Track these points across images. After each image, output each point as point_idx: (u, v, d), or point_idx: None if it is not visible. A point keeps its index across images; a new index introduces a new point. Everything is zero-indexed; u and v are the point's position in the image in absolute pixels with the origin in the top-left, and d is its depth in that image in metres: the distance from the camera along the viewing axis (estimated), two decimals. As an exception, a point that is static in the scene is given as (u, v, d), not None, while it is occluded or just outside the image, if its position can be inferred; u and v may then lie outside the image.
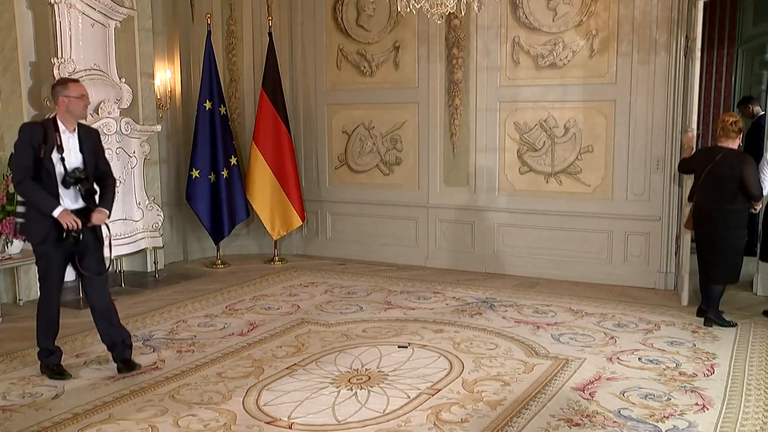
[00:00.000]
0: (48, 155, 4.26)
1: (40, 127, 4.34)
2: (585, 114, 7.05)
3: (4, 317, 5.89)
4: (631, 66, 6.77)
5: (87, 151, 4.43)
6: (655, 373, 4.56)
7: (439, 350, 5.03)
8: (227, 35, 8.38)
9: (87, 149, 4.43)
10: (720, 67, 11.48)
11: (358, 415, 3.93)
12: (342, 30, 8.20)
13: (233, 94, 8.48)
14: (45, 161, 4.26)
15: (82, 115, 4.50)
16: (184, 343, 5.27)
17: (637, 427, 3.77)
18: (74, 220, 4.26)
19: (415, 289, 6.86)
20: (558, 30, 7.05)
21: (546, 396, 4.18)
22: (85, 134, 4.49)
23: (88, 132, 4.55)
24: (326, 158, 8.52)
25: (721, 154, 5.50)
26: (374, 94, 8.10)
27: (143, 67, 7.30)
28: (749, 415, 3.91)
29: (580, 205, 7.13)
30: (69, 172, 4.30)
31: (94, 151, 4.50)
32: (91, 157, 4.46)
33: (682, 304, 6.14)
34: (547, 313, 5.97)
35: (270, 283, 7.19)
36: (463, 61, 7.53)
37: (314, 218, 8.62)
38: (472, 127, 7.56)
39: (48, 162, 4.27)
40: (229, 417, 3.91)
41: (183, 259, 8.31)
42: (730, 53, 11.41)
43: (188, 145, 7.95)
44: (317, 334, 5.45)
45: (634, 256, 6.92)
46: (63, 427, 3.82)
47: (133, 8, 7.05)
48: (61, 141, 4.32)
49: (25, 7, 6.57)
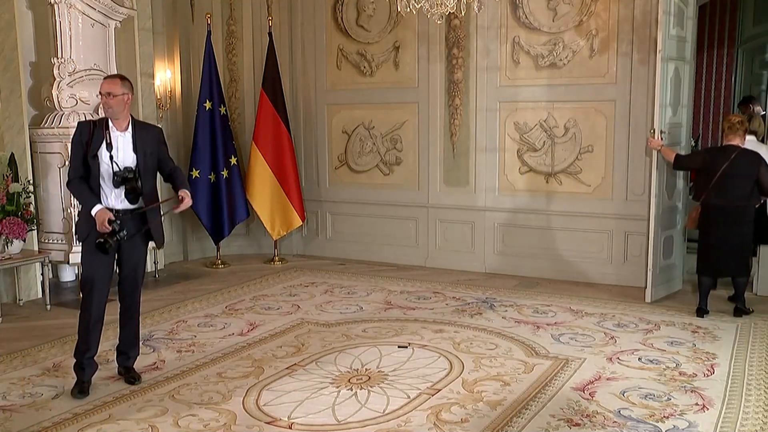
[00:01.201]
0: (94, 153, 4.16)
1: (89, 125, 4.25)
2: (585, 114, 7.05)
3: (4, 317, 5.88)
4: (631, 66, 6.77)
5: (142, 150, 4.26)
6: (655, 373, 4.56)
7: (439, 350, 5.03)
8: (227, 35, 8.38)
9: (142, 149, 4.26)
10: (720, 67, 11.48)
11: (358, 415, 3.93)
12: (342, 30, 8.20)
13: (233, 94, 8.48)
14: (89, 159, 4.17)
15: (109, 114, 4.26)
16: (184, 343, 5.27)
17: (637, 427, 3.77)
18: (105, 225, 4.07)
19: (415, 289, 6.86)
20: (558, 30, 7.05)
21: (546, 396, 4.18)
22: (142, 133, 4.33)
23: (145, 131, 4.39)
24: (326, 158, 8.52)
25: (736, 152, 5.65)
26: (374, 94, 8.10)
27: (143, 67, 7.30)
28: (749, 415, 3.91)
29: (580, 205, 7.13)
30: (117, 171, 4.15)
31: (152, 151, 4.32)
32: (149, 157, 4.29)
33: (646, 301, 6.21)
34: (547, 313, 5.97)
35: (270, 283, 7.19)
36: (463, 61, 7.53)
37: (314, 218, 8.62)
38: (472, 127, 7.57)
39: (93, 160, 4.17)
40: (229, 417, 3.91)
41: (183, 259, 8.31)
42: (730, 53, 11.41)
43: (188, 145, 7.95)
44: (317, 334, 5.45)
45: (634, 256, 6.92)
46: (63, 427, 3.82)
47: (133, 8, 7.05)
48: (110, 139, 4.19)
49: (25, 7, 6.58)
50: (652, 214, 6.18)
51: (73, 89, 6.40)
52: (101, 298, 4.28)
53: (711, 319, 5.74)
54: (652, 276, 6.25)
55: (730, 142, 5.73)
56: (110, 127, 4.23)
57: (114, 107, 4.21)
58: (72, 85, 6.39)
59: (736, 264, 5.79)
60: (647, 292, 6.26)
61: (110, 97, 4.19)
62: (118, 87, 4.23)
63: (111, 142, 4.18)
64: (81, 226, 4.32)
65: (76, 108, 6.42)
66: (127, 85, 4.30)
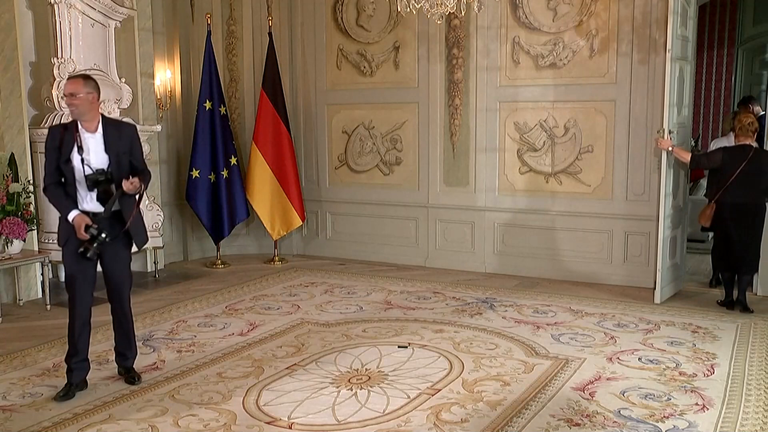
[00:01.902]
0: (67, 157, 4.08)
1: (60, 130, 4.17)
2: (585, 114, 7.05)
3: (4, 317, 5.88)
4: (631, 66, 6.77)
5: (114, 151, 4.15)
6: (655, 373, 4.56)
7: (439, 350, 5.03)
8: (227, 35, 8.38)
9: (113, 149, 4.15)
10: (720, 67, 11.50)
11: (358, 415, 3.93)
12: (342, 30, 8.20)
13: (233, 94, 8.48)
14: (62, 164, 4.09)
15: (74, 115, 4.14)
16: (184, 343, 5.27)
17: (637, 427, 3.77)
18: (83, 233, 4.00)
19: (415, 289, 6.86)
20: (558, 30, 7.05)
21: (546, 396, 4.18)
22: (113, 132, 4.21)
23: (117, 129, 4.27)
24: (326, 158, 8.52)
25: (752, 151, 5.82)
26: (374, 94, 8.10)
27: (143, 67, 7.30)
28: (749, 415, 3.91)
29: (580, 205, 7.13)
30: (88, 174, 4.06)
31: (125, 150, 4.21)
32: (122, 156, 4.18)
33: (655, 302, 6.18)
34: (547, 313, 5.97)
35: (270, 283, 7.19)
36: (463, 61, 7.53)
37: (314, 218, 8.62)
38: (472, 127, 7.57)
39: (66, 164, 4.09)
40: (229, 417, 3.91)
41: (183, 259, 8.31)
42: (730, 53, 11.42)
43: (188, 145, 7.95)
44: (317, 334, 5.45)
45: (634, 256, 6.92)
46: (63, 427, 3.82)
47: (133, 8, 7.06)
48: (81, 141, 4.09)
49: (25, 7, 6.58)
50: (661, 215, 6.14)
51: (73, 89, 6.40)
52: (84, 299, 4.20)
53: (711, 319, 5.74)
54: (661, 277, 6.21)
55: (742, 142, 5.90)
56: (80, 129, 4.13)
57: (79, 107, 4.09)
58: (72, 85, 6.39)
59: (749, 260, 5.95)
60: (656, 294, 6.22)
61: (74, 97, 4.07)
62: (81, 87, 4.10)
63: (81, 144, 4.09)
64: (60, 231, 4.23)
65: (76, 108, 6.42)
66: (91, 84, 4.17)
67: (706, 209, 6.05)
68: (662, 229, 6.19)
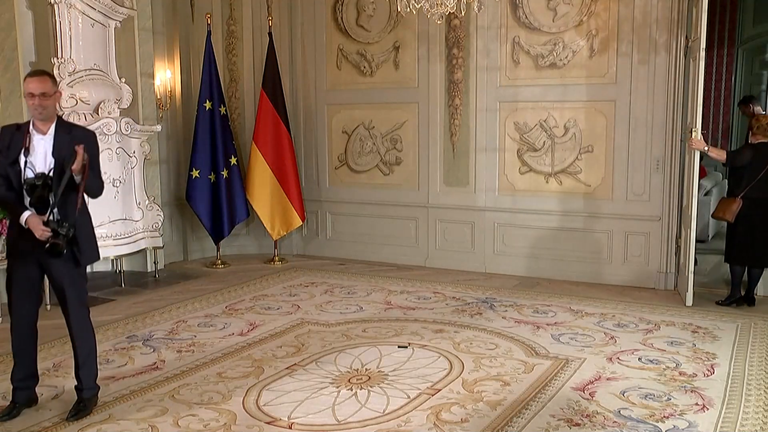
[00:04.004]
0: (13, 159, 3.77)
1: (10, 130, 3.90)
2: (585, 114, 7.05)
3: (4, 317, 5.88)
4: (631, 66, 6.77)
5: (61, 155, 3.76)
6: (655, 373, 4.56)
7: (439, 350, 5.03)
8: (227, 35, 8.38)
9: (61, 154, 3.76)
10: (720, 67, 11.50)
11: (358, 415, 3.93)
12: (342, 30, 8.20)
13: (233, 94, 8.47)
14: (8, 167, 3.77)
15: (42, 116, 3.81)
16: (184, 343, 5.27)
17: (637, 427, 3.77)
18: (42, 229, 3.69)
19: (415, 289, 6.86)
20: (558, 30, 7.05)
21: (546, 396, 4.18)
22: (64, 136, 3.83)
23: (69, 134, 3.87)
24: (326, 158, 8.52)
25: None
26: (374, 94, 8.10)
27: (143, 67, 7.30)
28: (749, 415, 3.92)
29: (580, 205, 7.13)
30: (27, 178, 3.74)
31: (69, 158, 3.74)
32: (66, 163, 3.74)
33: (687, 304, 6.10)
34: (547, 313, 5.97)
35: (270, 283, 7.19)
36: (463, 61, 7.53)
37: (314, 218, 8.62)
38: (472, 127, 7.56)
39: (12, 167, 3.77)
40: (229, 417, 3.91)
41: (183, 259, 8.31)
42: (730, 53, 11.43)
43: (188, 145, 7.95)
44: (317, 334, 5.45)
45: (634, 256, 6.92)
46: (63, 427, 3.82)
47: (133, 8, 7.05)
48: (29, 143, 3.78)
49: (25, 7, 6.57)
50: (693, 219, 6.03)
51: (73, 89, 6.40)
52: (23, 312, 3.90)
53: (711, 319, 5.74)
54: (691, 280, 6.11)
55: (759, 140, 6.03)
56: (31, 130, 3.83)
57: (48, 108, 3.80)
58: (72, 85, 6.39)
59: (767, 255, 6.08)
60: (687, 296, 6.12)
61: (45, 97, 3.77)
62: (50, 85, 3.81)
63: (29, 146, 3.78)
64: (8, 237, 3.98)
65: (76, 108, 6.41)
66: (55, 81, 3.94)
67: (731, 204, 6.04)
68: (693, 228, 6.07)
